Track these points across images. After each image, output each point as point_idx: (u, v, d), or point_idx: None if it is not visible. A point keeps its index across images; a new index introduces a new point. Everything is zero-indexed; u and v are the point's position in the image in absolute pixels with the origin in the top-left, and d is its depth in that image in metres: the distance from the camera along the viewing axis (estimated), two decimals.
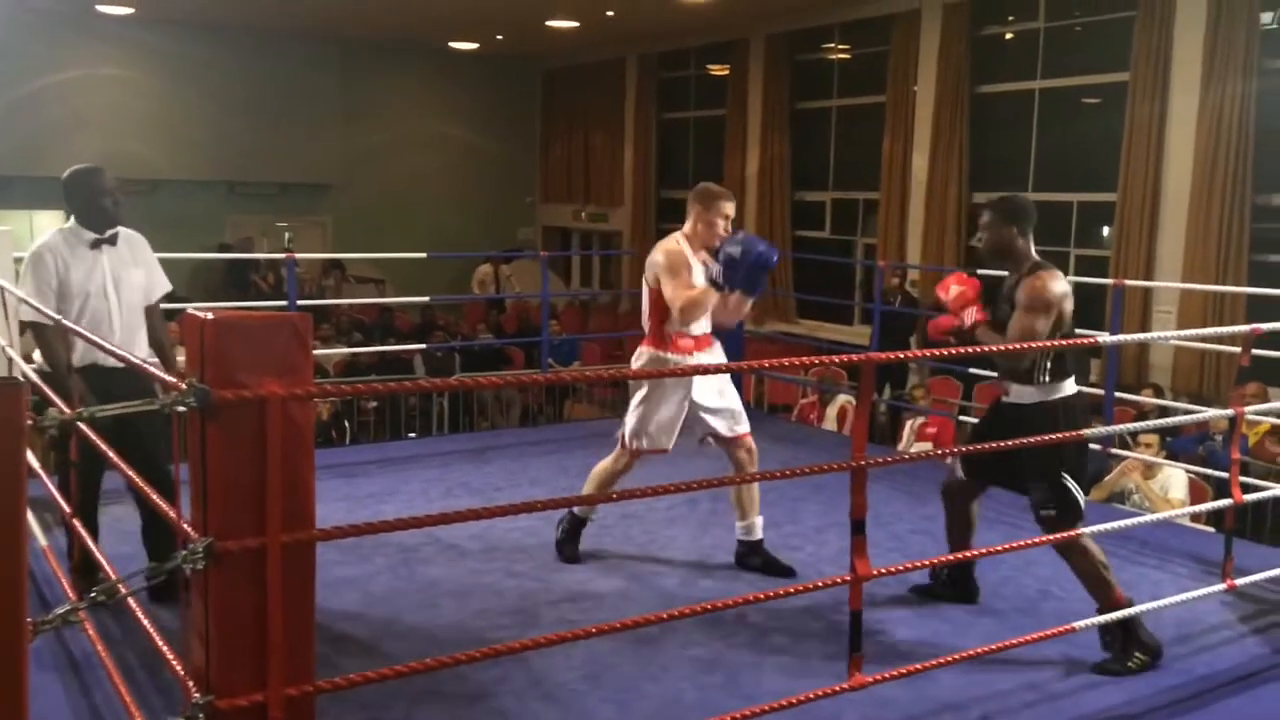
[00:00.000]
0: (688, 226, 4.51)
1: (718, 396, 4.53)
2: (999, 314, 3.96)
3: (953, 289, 4.00)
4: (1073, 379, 3.89)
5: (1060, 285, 3.81)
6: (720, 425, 4.53)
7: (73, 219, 4.13)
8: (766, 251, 4.20)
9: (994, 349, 3.69)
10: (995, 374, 4.58)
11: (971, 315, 3.95)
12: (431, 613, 4.11)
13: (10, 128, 13.42)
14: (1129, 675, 3.67)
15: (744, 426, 4.58)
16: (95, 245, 4.09)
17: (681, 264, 4.38)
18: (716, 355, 4.57)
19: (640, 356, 4.54)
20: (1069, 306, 3.85)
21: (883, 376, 10.06)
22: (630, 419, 4.51)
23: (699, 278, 4.38)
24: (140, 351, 4.18)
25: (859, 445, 3.03)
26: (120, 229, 4.20)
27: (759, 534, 4.65)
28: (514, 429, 9.35)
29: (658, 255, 4.42)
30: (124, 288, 4.16)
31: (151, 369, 2.91)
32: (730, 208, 4.49)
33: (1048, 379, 3.83)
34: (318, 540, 2.30)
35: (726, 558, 4.75)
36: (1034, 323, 3.76)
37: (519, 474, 5.22)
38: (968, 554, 4.10)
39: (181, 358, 2.93)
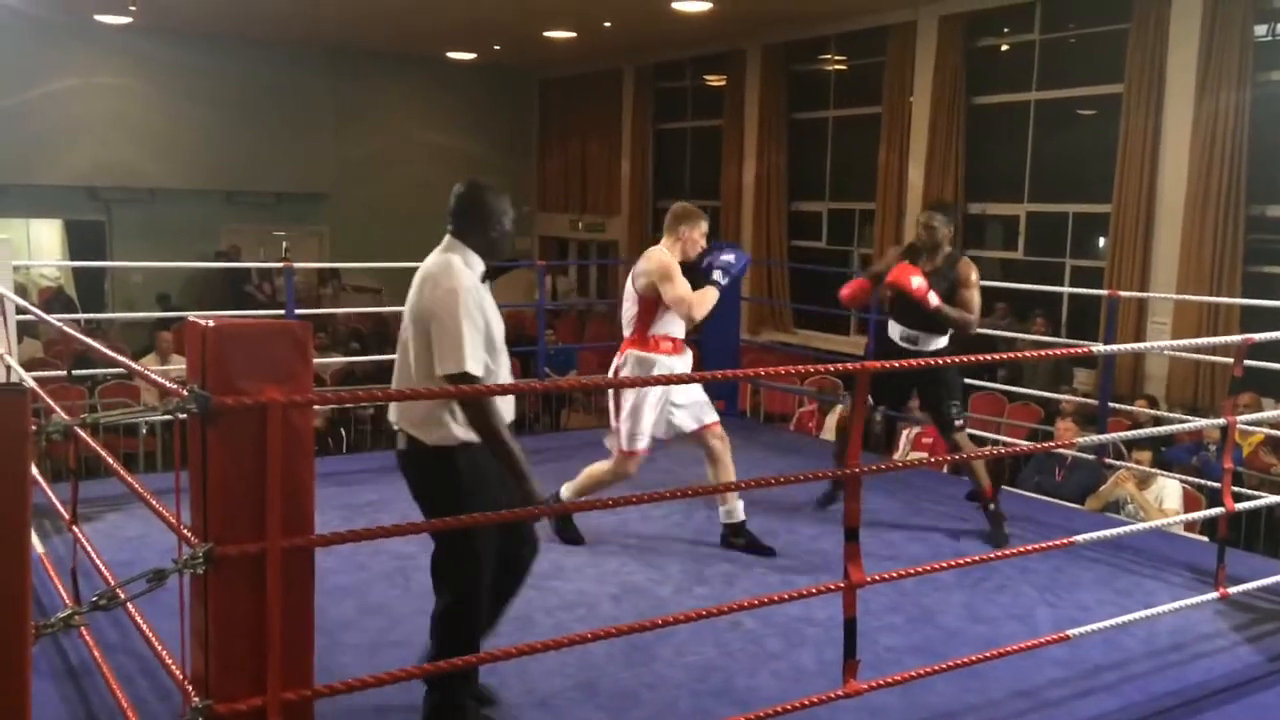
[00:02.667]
0: (669, 242, 4.88)
1: (684, 392, 4.90)
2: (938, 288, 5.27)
3: (915, 280, 5.12)
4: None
5: None
6: (688, 420, 4.90)
7: (454, 240, 3.26)
8: (745, 257, 5.07)
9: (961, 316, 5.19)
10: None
11: (935, 298, 5.14)
12: (428, 619, 4.11)
13: (7, 136, 13.40)
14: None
15: (712, 416, 4.96)
16: (484, 279, 3.25)
17: (676, 271, 4.77)
18: (688, 356, 5.01)
19: (626, 360, 4.88)
20: None
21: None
22: (624, 425, 4.81)
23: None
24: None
25: (853, 454, 3.06)
26: None
27: (741, 515, 5.00)
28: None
29: (651, 264, 4.77)
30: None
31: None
32: (706, 226, 4.96)
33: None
34: (317, 546, 2.31)
35: (721, 564, 4.76)
36: (977, 294, 5.27)
37: None
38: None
39: (182, 365, 2.89)
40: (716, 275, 4.84)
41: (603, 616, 4.15)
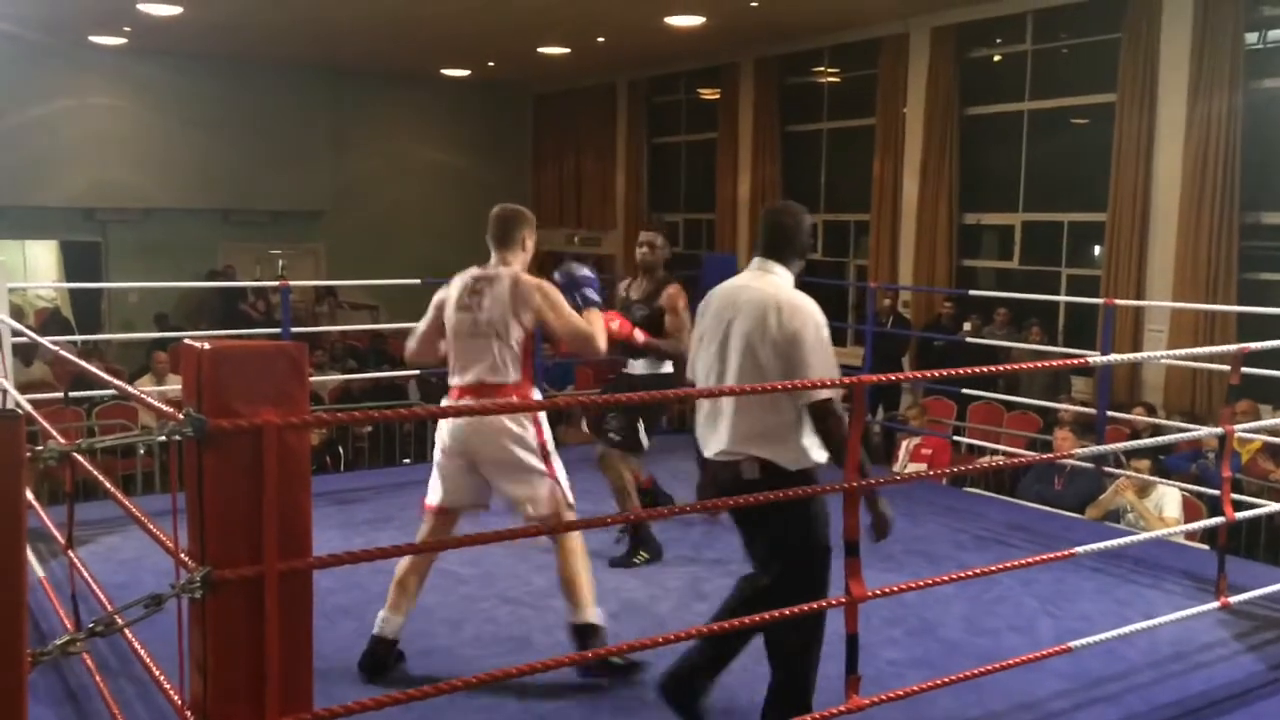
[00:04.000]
0: (512, 254, 4.09)
1: None
2: (632, 316, 5.06)
3: (613, 324, 4.69)
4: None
5: None
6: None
7: (773, 262, 3.26)
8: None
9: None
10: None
11: (640, 335, 4.98)
12: (426, 640, 4.11)
13: (2, 158, 13.42)
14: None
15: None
16: None
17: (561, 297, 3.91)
18: None
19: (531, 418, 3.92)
20: None
21: (876, 397, 10.09)
22: (561, 488, 3.95)
23: None
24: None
25: (850, 467, 3.05)
26: None
27: None
28: None
29: (536, 291, 3.86)
30: None
31: None
32: None
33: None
34: (314, 568, 2.30)
35: (720, 580, 4.73)
36: (686, 318, 4.95)
37: None
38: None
39: (177, 386, 2.88)
40: (592, 294, 4.01)
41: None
